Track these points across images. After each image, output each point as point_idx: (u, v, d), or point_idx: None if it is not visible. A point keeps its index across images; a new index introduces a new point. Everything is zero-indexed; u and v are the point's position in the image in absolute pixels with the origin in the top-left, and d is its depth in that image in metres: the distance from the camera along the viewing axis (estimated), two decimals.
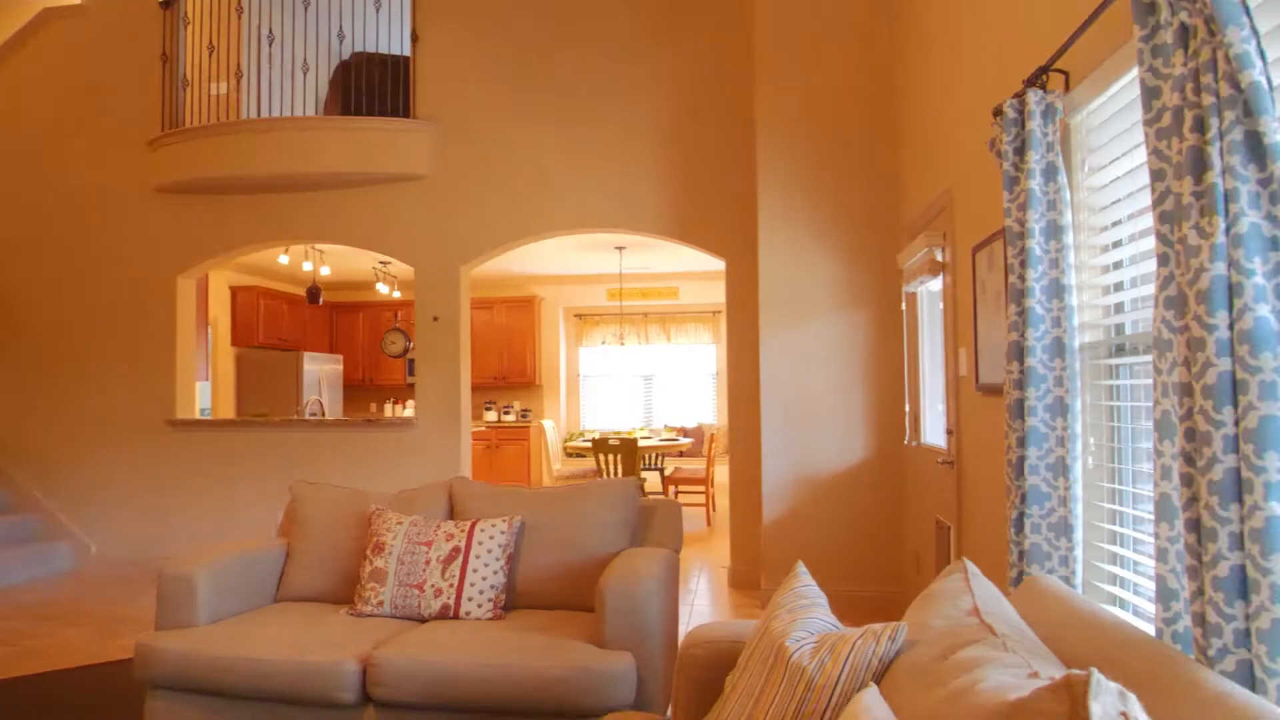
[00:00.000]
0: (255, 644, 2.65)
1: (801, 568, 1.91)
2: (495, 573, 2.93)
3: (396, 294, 9.83)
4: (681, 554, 5.65)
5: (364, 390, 10.62)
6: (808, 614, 1.72)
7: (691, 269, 9.48)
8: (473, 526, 2.99)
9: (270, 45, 5.96)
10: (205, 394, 8.22)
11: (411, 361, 10.13)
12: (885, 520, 4.64)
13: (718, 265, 5.54)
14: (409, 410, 9.51)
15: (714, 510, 8.01)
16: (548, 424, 8.34)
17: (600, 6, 5.69)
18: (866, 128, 4.71)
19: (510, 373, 9.96)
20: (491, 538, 2.97)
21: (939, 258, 3.52)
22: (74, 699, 3.57)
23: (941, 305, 3.78)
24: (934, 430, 4.13)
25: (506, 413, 9.90)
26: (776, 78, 4.81)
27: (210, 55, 6.10)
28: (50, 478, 6.40)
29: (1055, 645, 1.42)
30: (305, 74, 5.88)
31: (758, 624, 1.87)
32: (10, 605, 5.26)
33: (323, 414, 8.67)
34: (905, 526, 4.59)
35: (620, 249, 7.98)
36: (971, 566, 1.68)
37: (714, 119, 5.53)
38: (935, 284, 3.94)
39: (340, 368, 9.86)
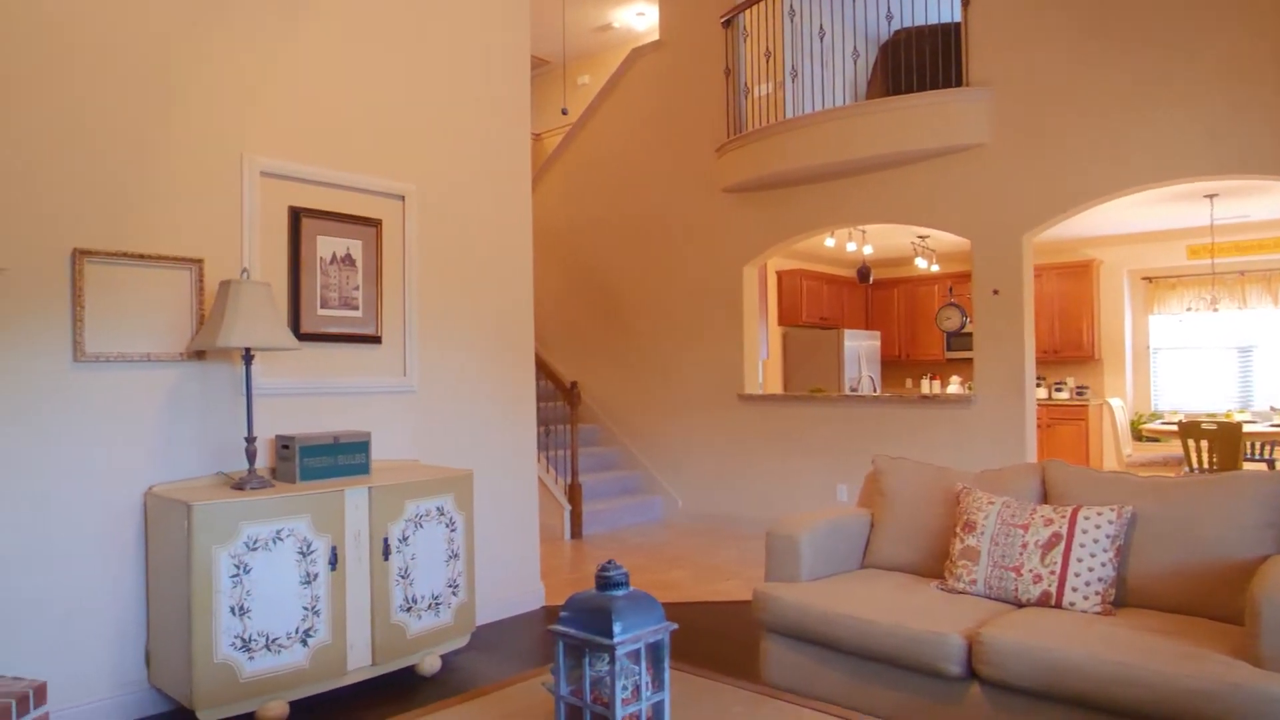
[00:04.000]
0: (858, 604, 2.84)
1: None
2: (1103, 565, 2.70)
3: (935, 267, 9.68)
4: None
5: (900, 365, 10.70)
6: None
7: None
8: (1075, 512, 2.80)
9: (821, 40, 6.27)
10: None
11: (951, 336, 9.91)
12: None
13: None
14: (952, 386, 9.31)
15: None
16: (1115, 402, 7.46)
17: None
18: None
19: (1063, 346, 9.14)
20: (1098, 526, 2.74)
21: None
22: (694, 629, 4.22)
23: None
24: None
25: (1058, 389, 9.10)
26: None
27: (767, 61, 6.65)
28: (646, 440, 7.66)
29: None
30: (856, 60, 6.07)
31: None
32: (626, 544, 6.43)
33: (873, 389, 8.95)
34: None
35: (1210, 196, 6.76)
36: None
37: None
38: None
39: (878, 344, 10.06)
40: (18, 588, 2.89)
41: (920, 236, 8.60)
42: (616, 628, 1.50)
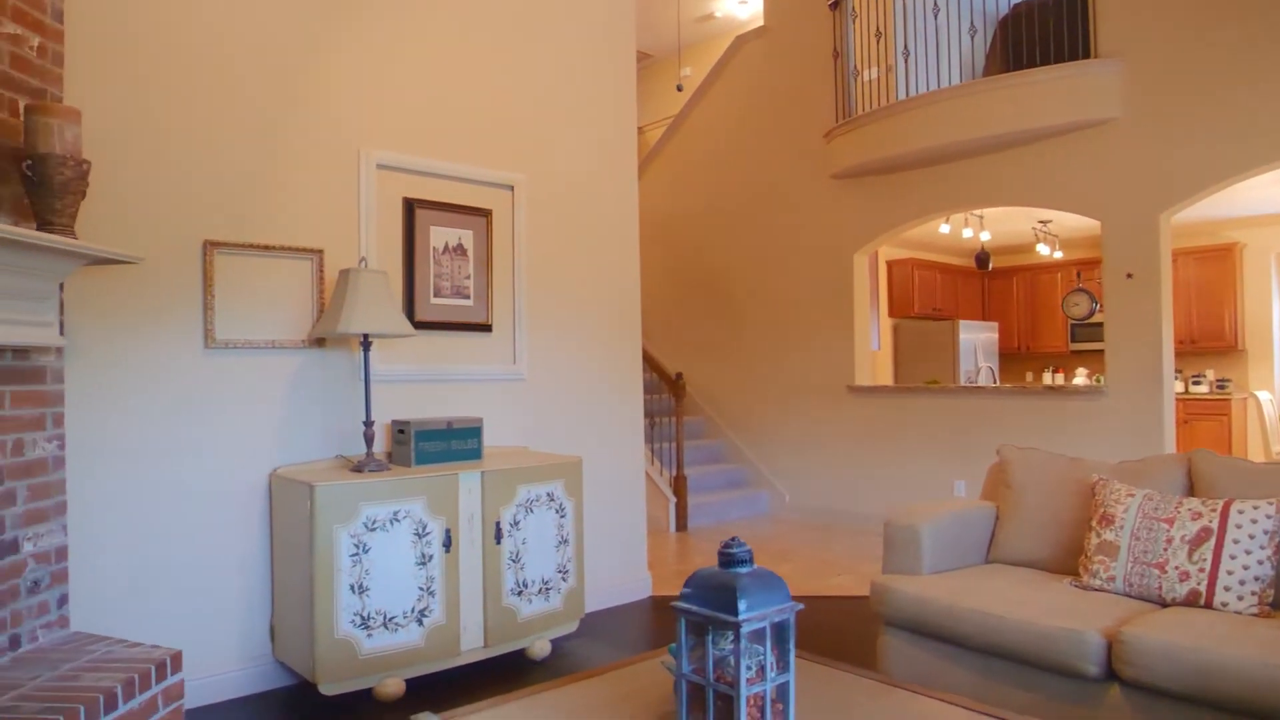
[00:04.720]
0: (984, 599, 2.69)
1: None
2: (1260, 562, 2.48)
3: (1058, 254, 9.19)
4: None
5: (1020, 358, 10.22)
6: None
7: None
8: (1226, 506, 2.58)
9: (935, 18, 6.03)
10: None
11: (1076, 327, 9.39)
12: None
13: None
14: (1078, 379, 8.83)
15: None
16: (1263, 395, 6.91)
17: None
18: None
19: (1201, 336, 8.52)
20: (1254, 521, 2.51)
21: None
22: (807, 624, 4.12)
23: None
24: None
25: (1195, 382, 8.50)
26: None
27: (877, 41, 6.44)
28: (751, 433, 7.54)
29: None
30: (972, 37, 5.80)
31: None
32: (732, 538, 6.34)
33: (992, 383, 8.57)
34: None
35: None
36: None
37: None
38: None
39: (995, 335, 9.62)
40: (157, 562, 3.05)
41: (1042, 221, 8.17)
42: (742, 605, 1.45)
